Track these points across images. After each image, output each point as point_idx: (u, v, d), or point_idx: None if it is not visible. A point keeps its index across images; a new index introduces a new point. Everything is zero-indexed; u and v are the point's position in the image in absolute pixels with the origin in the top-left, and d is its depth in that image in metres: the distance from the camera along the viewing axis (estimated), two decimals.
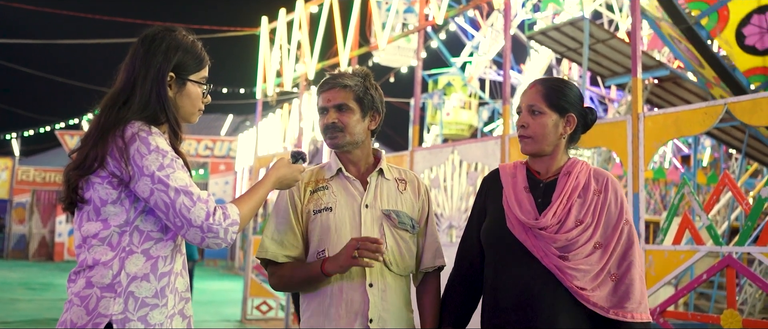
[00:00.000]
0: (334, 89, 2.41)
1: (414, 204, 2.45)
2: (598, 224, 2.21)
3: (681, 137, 5.88)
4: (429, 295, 2.44)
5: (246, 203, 2.05)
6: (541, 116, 2.28)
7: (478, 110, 22.33)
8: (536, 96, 2.29)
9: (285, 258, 2.37)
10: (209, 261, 24.16)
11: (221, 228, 1.92)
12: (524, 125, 2.30)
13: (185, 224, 1.89)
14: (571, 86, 2.35)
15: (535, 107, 2.28)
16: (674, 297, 4.65)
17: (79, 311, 1.89)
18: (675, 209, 4.90)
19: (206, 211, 1.90)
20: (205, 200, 1.92)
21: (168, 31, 2.10)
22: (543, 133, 2.28)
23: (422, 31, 8.34)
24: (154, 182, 1.89)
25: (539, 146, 2.29)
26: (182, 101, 2.10)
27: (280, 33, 10.47)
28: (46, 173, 26.86)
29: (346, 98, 2.39)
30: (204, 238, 1.91)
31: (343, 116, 2.39)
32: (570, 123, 2.30)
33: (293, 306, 7.92)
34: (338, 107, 2.39)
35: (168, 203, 1.89)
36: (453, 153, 6.75)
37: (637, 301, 2.15)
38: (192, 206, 1.89)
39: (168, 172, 1.91)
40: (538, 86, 2.32)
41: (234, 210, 1.97)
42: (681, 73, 10.91)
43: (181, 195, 1.89)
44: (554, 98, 2.29)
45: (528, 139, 2.30)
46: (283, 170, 2.22)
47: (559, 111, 2.29)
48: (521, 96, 2.35)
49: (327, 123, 2.41)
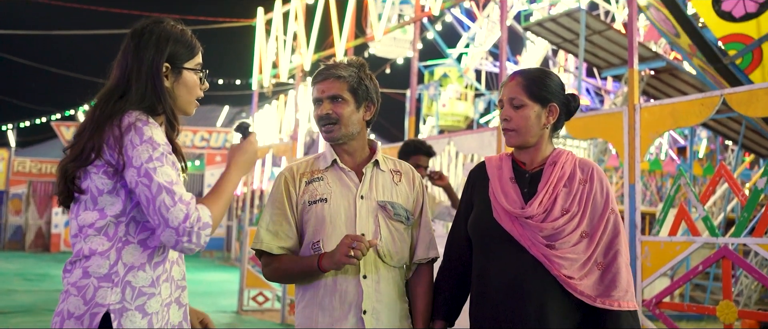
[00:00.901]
0: (329, 79, 2.39)
1: (409, 195, 2.45)
2: (585, 213, 2.23)
3: (677, 128, 5.87)
4: (422, 286, 2.44)
5: (216, 203, 2.00)
6: (523, 108, 2.28)
7: (474, 101, 22.35)
8: (517, 88, 2.29)
9: (280, 250, 2.37)
10: (205, 253, 24.14)
11: (194, 233, 1.86)
12: (507, 119, 2.30)
13: (162, 223, 1.85)
14: (552, 76, 2.35)
15: (517, 100, 2.29)
16: (670, 288, 4.66)
17: (76, 301, 1.89)
18: (671, 200, 4.91)
19: (185, 213, 1.85)
20: (186, 202, 1.87)
21: (156, 23, 2.09)
22: (526, 125, 2.28)
23: (418, 22, 8.32)
24: (140, 175, 1.87)
25: (523, 139, 2.30)
26: (179, 90, 2.09)
27: (276, 24, 10.44)
28: (43, 164, 26.79)
29: (341, 88, 2.38)
30: (178, 241, 1.85)
31: (337, 107, 2.38)
32: (553, 113, 2.31)
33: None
34: (332, 98, 2.38)
35: (149, 198, 1.86)
36: (449, 144, 6.75)
37: (624, 289, 2.18)
38: (172, 205, 1.84)
39: (155, 165, 1.88)
40: (518, 78, 2.32)
41: (205, 212, 1.91)
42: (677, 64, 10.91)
43: (162, 192, 1.85)
44: (535, 89, 2.29)
45: (512, 132, 2.31)
46: (238, 155, 2.17)
47: (540, 102, 2.29)
48: (502, 89, 2.36)
49: (321, 114, 2.40)
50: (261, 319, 9.36)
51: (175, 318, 2.04)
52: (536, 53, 19.60)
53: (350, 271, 2.30)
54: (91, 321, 1.86)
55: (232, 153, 2.18)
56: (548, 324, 2.15)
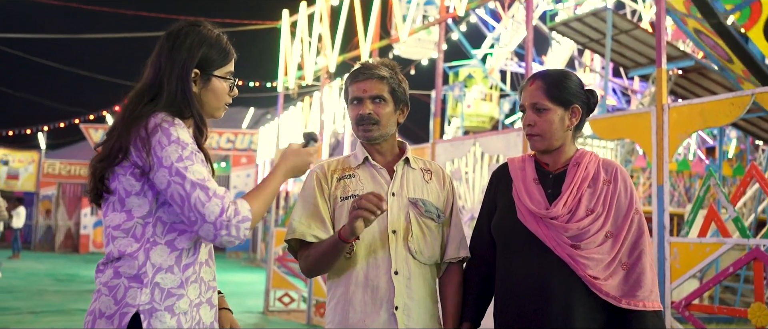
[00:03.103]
0: (371, 79, 2.38)
1: (439, 194, 2.45)
2: (609, 213, 2.22)
3: (707, 128, 5.80)
4: (452, 286, 2.43)
5: (257, 199, 2.01)
6: (546, 112, 2.27)
7: (500, 101, 22.24)
8: (538, 93, 2.28)
9: (313, 238, 2.34)
10: (231, 253, 24.32)
11: (232, 226, 1.88)
12: (531, 124, 2.29)
13: (199, 219, 1.87)
14: (571, 76, 2.33)
15: (539, 104, 2.27)
16: (699, 291, 4.60)
17: (107, 300, 1.91)
18: (700, 201, 4.84)
19: (221, 207, 1.87)
20: (221, 196, 1.89)
21: (193, 26, 2.08)
22: (550, 129, 2.27)
23: (443, 22, 8.30)
24: (172, 174, 1.88)
25: (549, 143, 2.29)
26: (207, 96, 2.09)
27: (301, 26, 10.48)
28: (72, 166, 27.19)
29: (382, 89, 2.38)
30: (217, 235, 1.88)
31: (378, 108, 2.37)
32: (575, 114, 2.30)
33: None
34: (373, 98, 2.37)
35: (183, 196, 1.87)
36: (474, 145, 6.73)
37: (649, 290, 2.17)
38: (207, 201, 1.86)
39: (186, 164, 1.89)
40: (539, 82, 2.30)
41: (244, 206, 1.93)
42: (706, 63, 10.76)
43: (197, 189, 1.87)
44: (557, 92, 2.27)
45: (536, 137, 2.29)
46: (292, 158, 2.16)
47: (563, 105, 2.28)
48: (522, 93, 2.34)
49: (362, 113, 2.38)
50: (287, 320, 9.40)
51: (207, 319, 2.04)
52: (562, 53, 19.44)
53: (381, 267, 2.29)
54: (121, 320, 1.88)
55: (286, 155, 2.17)
56: (574, 324, 2.14)
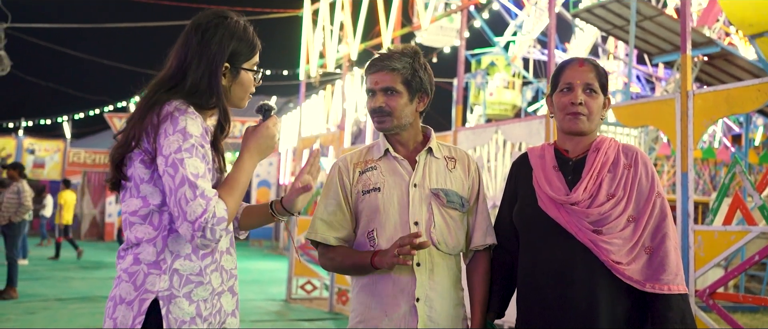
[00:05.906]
0: (382, 71, 2.37)
1: (464, 182, 2.44)
2: (630, 197, 2.22)
3: (732, 115, 5.73)
4: (479, 275, 2.43)
5: (231, 195, 1.95)
6: (596, 96, 2.30)
7: (522, 89, 22.08)
8: (592, 76, 2.30)
9: (336, 240, 2.39)
10: (254, 241, 24.46)
11: (209, 229, 1.83)
12: (581, 103, 2.28)
13: (180, 216, 1.84)
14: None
15: (593, 87, 2.29)
16: (724, 279, 4.56)
17: (127, 287, 1.93)
18: (726, 189, 4.79)
19: (204, 208, 1.82)
20: (207, 198, 1.84)
21: (221, 19, 2.07)
22: (597, 113, 2.31)
23: (465, 10, 8.26)
24: (167, 164, 1.87)
25: (592, 125, 2.31)
26: (235, 89, 2.10)
27: (322, 14, 10.47)
28: (96, 154, 27.50)
29: (394, 81, 2.36)
30: (194, 236, 1.83)
31: (390, 100, 2.37)
32: (607, 105, 2.36)
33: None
34: (385, 90, 2.37)
35: (172, 188, 1.85)
36: (497, 133, 6.70)
37: (673, 273, 2.15)
38: (192, 199, 1.82)
39: (183, 156, 1.86)
40: (590, 65, 2.33)
41: (220, 207, 1.87)
42: (732, 49, 10.61)
43: (185, 185, 1.83)
44: (604, 80, 2.33)
45: (583, 117, 2.29)
46: (253, 140, 2.07)
47: (604, 93, 2.33)
48: (569, 72, 2.32)
49: (374, 107, 2.39)
50: (309, 307, 9.46)
51: (228, 307, 2.06)
52: (585, 40, 19.24)
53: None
54: (140, 306, 1.90)
55: (247, 137, 2.08)
56: (598, 309, 2.14)
